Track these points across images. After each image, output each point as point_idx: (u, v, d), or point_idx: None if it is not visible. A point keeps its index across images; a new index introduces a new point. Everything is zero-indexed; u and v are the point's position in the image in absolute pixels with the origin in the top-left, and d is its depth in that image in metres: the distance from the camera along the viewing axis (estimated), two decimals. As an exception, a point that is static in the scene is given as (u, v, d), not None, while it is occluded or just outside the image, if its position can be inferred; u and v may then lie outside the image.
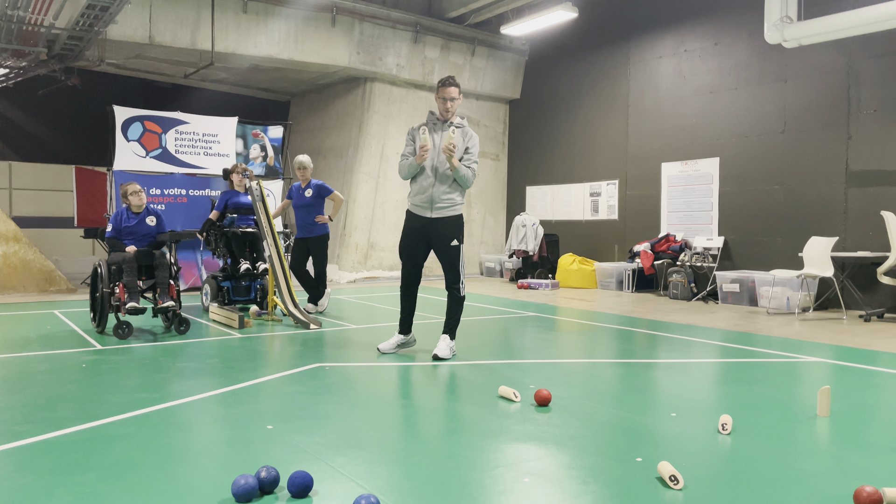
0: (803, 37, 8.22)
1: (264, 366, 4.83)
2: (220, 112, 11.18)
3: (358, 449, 3.03)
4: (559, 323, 7.28)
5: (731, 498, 2.51)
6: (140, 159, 9.70)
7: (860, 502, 2.38)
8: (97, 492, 2.52)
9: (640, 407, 3.79)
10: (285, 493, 2.54)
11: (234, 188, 7.85)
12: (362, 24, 11.63)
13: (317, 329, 6.51)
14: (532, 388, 4.19)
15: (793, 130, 9.21)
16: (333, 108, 13.13)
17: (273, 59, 11.00)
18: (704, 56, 10.32)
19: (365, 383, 4.32)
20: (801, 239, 8.83)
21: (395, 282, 12.09)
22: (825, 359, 5.33)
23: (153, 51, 10.39)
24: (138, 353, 5.24)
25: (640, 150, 11.29)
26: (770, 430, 3.37)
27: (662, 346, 5.84)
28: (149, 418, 3.49)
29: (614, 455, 2.98)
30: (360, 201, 12.16)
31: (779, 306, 8.50)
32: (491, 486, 2.62)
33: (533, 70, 13.57)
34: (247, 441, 3.13)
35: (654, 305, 8.87)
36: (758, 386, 4.34)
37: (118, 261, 6.08)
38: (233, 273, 7.54)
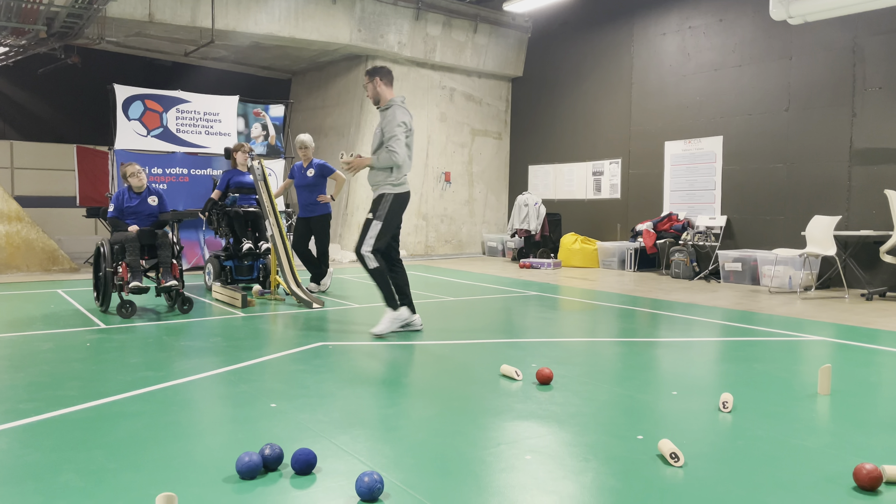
0: (809, 13, 8.12)
1: (267, 345, 4.85)
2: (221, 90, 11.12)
3: (361, 427, 3.05)
4: (561, 302, 7.30)
5: (732, 475, 2.53)
6: (141, 138, 9.67)
7: (860, 480, 2.40)
8: (103, 468, 2.55)
9: (642, 385, 3.81)
10: (289, 470, 2.56)
11: (235, 167, 7.83)
12: (363, 1, 11.52)
13: (319, 308, 6.53)
14: (534, 366, 4.21)
15: (797, 108, 9.14)
16: (335, 87, 13.06)
17: (274, 37, 10.92)
18: (709, 33, 10.22)
19: (367, 362, 4.35)
20: (804, 218, 8.81)
21: (397, 261, 12.09)
22: (827, 337, 5.34)
23: (153, 28, 10.31)
24: (142, 332, 5.27)
25: (643, 129, 11.23)
26: (771, 408, 3.39)
27: (664, 325, 5.86)
28: (153, 396, 3.52)
29: (615, 432, 3.00)
30: (362, 181, 12.12)
31: (781, 285, 8.50)
32: (493, 463, 2.64)
33: (536, 47, 13.46)
34: (250, 419, 3.16)
35: (656, 284, 8.88)
36: (759, 364, 4.35)
37: (121, 240, 6.08)
38: (235, 252, 7.54)
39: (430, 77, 12.85)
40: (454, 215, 13.38)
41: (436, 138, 13.00)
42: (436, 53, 12.57)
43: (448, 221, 13.31)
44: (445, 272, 10.24)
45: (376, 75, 5.28)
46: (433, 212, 13.07)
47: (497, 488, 2.40)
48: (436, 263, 11.81)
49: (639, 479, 2.48)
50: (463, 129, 13.39)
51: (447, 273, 10.10)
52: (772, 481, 2.48)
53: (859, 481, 2.40)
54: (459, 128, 13.34)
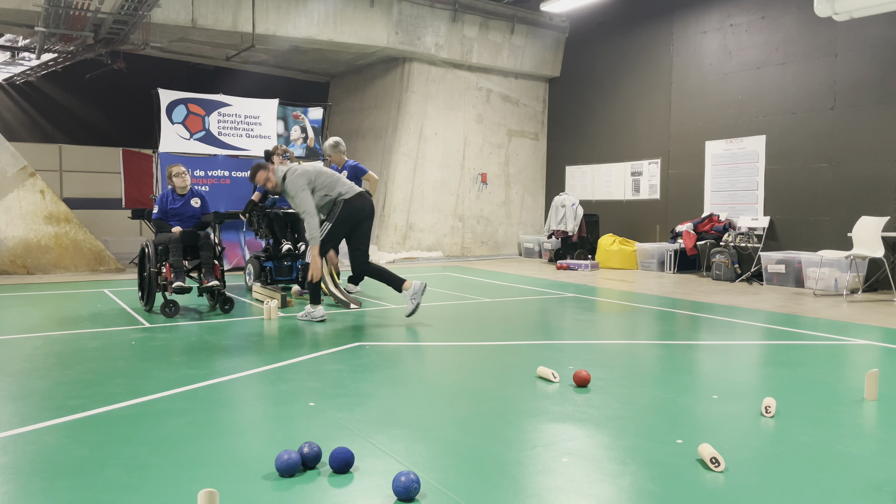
0: (854, 9, 7.90)
1: (306, 344, 4.91)
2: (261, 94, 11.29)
3: (398, 427, 3.07)
4: (599, 304, 7.23)
5: (774, 481, 2.48)
6: (184, 141, 9.87)
7: (908, 488, 2.33)
8: (148, 464, 2.61)
9: (681, 389, 3.76)
10: (327, 468, 2.59)
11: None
12: (400, 3, 11.59)
13: (357, 308, 6.58)
14: (571, 368, 4.18)
15: (843, 106, 8.91)
16: (372, 89, 13.15)
17: (312, 41, 11.05)
18: (751, 30, 10.03)
19: (404, 362, 4.37)
20: (850, 218, 8.58)
21: (433, 262, 12.14)
22: (874, 341, 5.19)
23: (195, 34, 10.52)
24: (185, 331, 5.38)
25: (683, 129, 11.06)
26: (815, 413, 3.31)
27: (704, 328, 5.76)
28: (196, 394, 3.59)
29: (654, 436, 2.96)
30: (399, 182, 12.19)
31: (826, 288, 8.30)
32: (529, 465, 2.63)
33: (573, 47, 13.37)
34: (290, 417, 3.20)
35: (696, 287, 8.74)
36: (803, 368, 4.26)
37: (164, 241, 6.22)
38: (275, 253, 7.65)
39: (466, 78, 12.86)
40: (490, 216, 13.36)
41: (472, 139, 13.00)
42: (472, 55, 12.57)
43: (484, 223, 13.29)
44: (482, 273, 10.23)
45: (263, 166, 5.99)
46: (469, 213, 13.07)
47: (533, 490, 2.39)
48: (472, 265, 11.80)
49: (678, 484, 2.45)
50: (499, 130, 13.36)
51: (483, 274, 10.09)
52: (816, 488, 2.42)
53: (908, 490, 2.33)
54: (496, 129, 13.32)
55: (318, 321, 5.83)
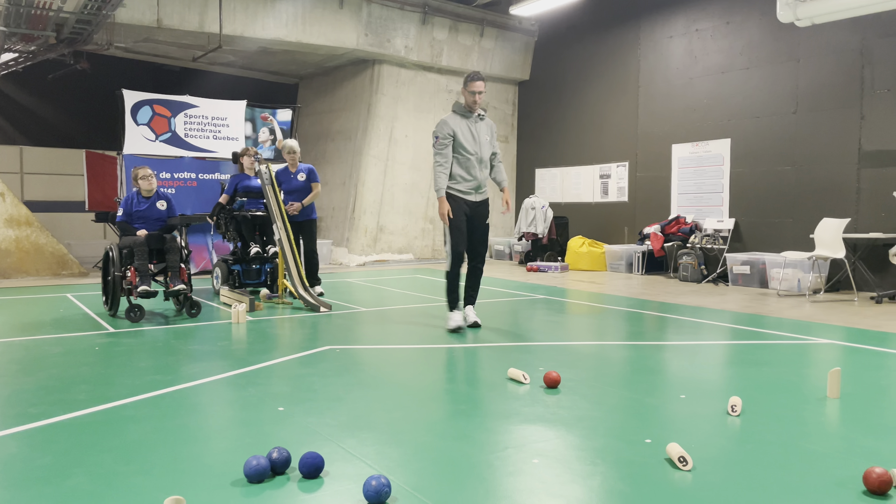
0: (816, 15, 8.09)
1: (275, 348, 4.86)
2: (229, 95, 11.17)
3: (368, 430, 3.06)
4: (569, 305, 7.29)
5: (741, 479, 2.52)
6: (150, 143, 9.72)
7: (870, 484, 2.38)
8: (113, 472, 2.56)
9: (650, 389, 3.80)
10: (297, 473, 2.56)
11: (243, 171, 7.86)
12: (370, 5, 11.56)
13: (327, 312, 6.54)
14: (541, 370, 4.21)
15: (805, 110, 9.11)
16: (342, 91, 13.10)
17: (281, 42, 10.97)
18: (716, 35, 10.20)
19: (375, 365, 4.35)
20: (812, 220, 8.77)
21: (404, 264, 12.11)
22: (836, 340, 5.31)
23: (161, 34, 10.37)
24: (150, 336, 5.29)
25: (651, 132, 11.21)
26: (780, 412, 3.37)
27: (672, 329, 5.84)
28: (162, 400, 3.53)
29: (623, 436, 2.99)
30: (370, 184, 12.15)
31: (790, 288, 8.47)
32: (500, 466, 2.63)
33: (542, 51, 13.46)
34: (258, 422, 3.16)
35: (663, 288, 8.85)
36: (768, 368, 4.33)
37: (129, 244, 6.11)
38: (243, 256, 7.57)
39: (436, 81, 12.87)
40: (461, 219, 13.36)
41: (443, 142, 12.99)
42: (442, 57, 12.59)
43: (455, 225, 13.29)
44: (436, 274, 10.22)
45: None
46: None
47: (504, 492, 2.40)
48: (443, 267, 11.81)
49: (647, 483, 2.47)
50: (470, 133, 13.38)
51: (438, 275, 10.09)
52: (781, 485, 2.46)
53: (869, 485, 2.38)
54: (466, 131, 13.33)
55: (453, 329, 5.53)
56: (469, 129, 5.46)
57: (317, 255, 7.70)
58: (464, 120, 5.47)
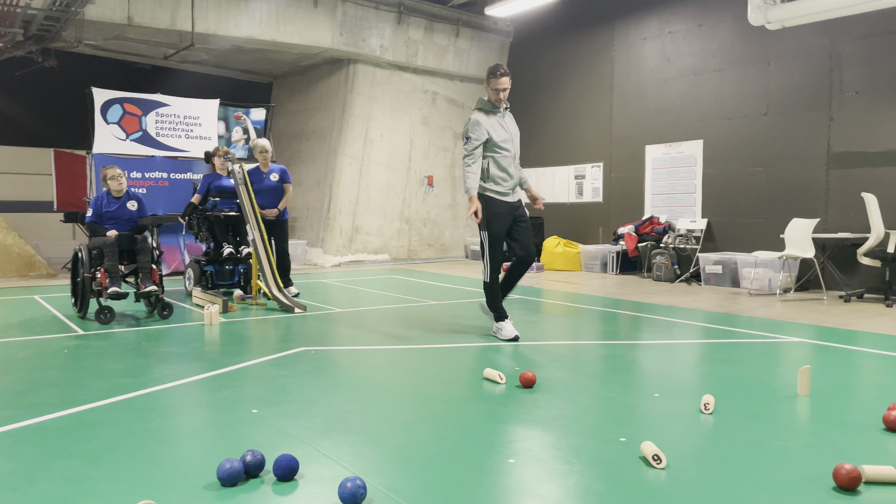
0: (786, 18, 8.23)
1: (249, 350, 4.81)
2: (202, 94, 11.04)
3: (343, 432, 3.04)
4: (544, 305, 7.32)
5: (713, 476, 2.55)
6: (120, 142, 9.57)
7: (839, 480, 2.42)
8: (82, 477, 2.51)
9: (624, 387, 3.83)
10: (271, 476, 2.54)
11: (216, 171, 7.77)
12: (345, 4, 11.50)
13: (301, 313, 6.49)
14: (517, 370, 4.21)
15: (776, 112, 9.25)
16: (316, 90, 13.02)
17: (254, 41, 10.86)
18: (689, 38, 10.32)
19: (350, 367, 4.32)
20: (783, 220, 8.91)
21: (380, 265, 12.07)
22: (806, 339, 5.40)
23: (132, 32, 10.22)
24: (121, 338, 5.21)
25: (625, 133, 11.31)
26: (751, 410, 3.41)
27: (646, 328, 5.89)
28: (133, 403, 3.47)
29: (598, 435, 3.00)
30: (345, 184, 12.09)
31: (761, 287, 8.59)
32: (476, 467, 2.63)
33: (517, 52, 13.51)
34: (232, 425, 3.13)
35: (637, 287, 8.93)
36: (739, 366, 4.39)
37: (99, 245, 6.01)
38: (216, 257, 7.48)
39: (412, 81, 12.85)
40: (437, 219, 13.38)
41: (418, 142, 12.99)
42: (418, 57, 12.57)
43: (431, 225, 13.30)
44: (428, 276, 10.23)
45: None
46: (416, 216, 13.06)
47: (481, 492, 2.39)
48: (419, 267, 11.79)
49: (622, 482, 2.49)
50: (445, 133, 13.40)
51: (430, 277, 10.09)
52: (753, 482, 2.49)
53: (839, 481, 2.42)
54: (442, 132, 13.34)
55: (508, 340, 5.14)
56: (500, 124, 5.25)
57: (289, 256, 7.64)
58: (493, 116, 5.25)
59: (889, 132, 8.13)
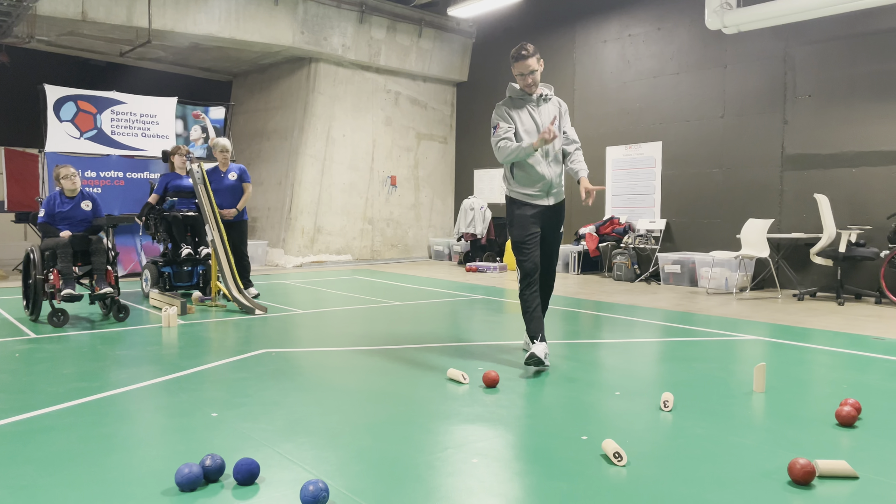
0: (742, 23, 8.42)
1: (208, 352, 4.73)
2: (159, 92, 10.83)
3: (305, 434, 3.00)
4: (507, 305, 7.35)
5: (673, 473, 2.59)
6: (74, 140, 9.34)
7: (794, 474, 2.48)
8: (34, 484, 2.44)
9: (586, 386, 3.86)
10: (231, 480, 2.50)
11: (174, 171, 7.63)
12: (306, 3, 11.40)
13: (262, 315, 6.41)
14: (480, 370, 4.22)
15: (732, 115, 9.45)
16: (277, 89, 12.87)
17: (213, 38, 10.70)
18: (648, 41, 10.47)
19: (312, 368, 4.28)
20: (739, 221, 9.10)
21: (343, 265, 11.98)
22: (761, 336, 5.52)
23: (86, 27, 9.96)
24: (75, 342, 5.07)
25: (586, 134, 11.42)
26: (709, 406, 3.47)
27: (607, 327, 5.96)
28: (87, 408, 3.39)
29: (561, 434, 3.03)
30: (306, 184, 11.98)
31: (718, 286, 8.76)
32: (440, 467, 2.63)
33: (480, 52, 13.55)
34: (190, 429, 3.07)
35: (598, 287, 9.03)
36: (697, 364, 4.47)
37: (52, 246, 5.85)
38: (174, 258, 7.35)
39: (374, 80, 12.79)
40: (400, 219, 13.34)
41: (381, 142, 12.94)
42: (380, 57, 12.52)
43: (394, 225, 13.26)
44: (392, 276, 10.19)
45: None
46: (379, 216, 13.01)
47: (444, 493, 2.39)
48: (382, 268, 11.75)
49: (583, 480, 2.51)
50: (409, 133, 13.37)
51: (394, 277, 10.06)
52: (711, 478, 2.54)
53: (793, 476, 2.48)
54: (405, 132, 13.32)
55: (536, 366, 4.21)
56: (530, 115, 4.40)
57: (248, 257, 7.55)
58: (522, 106, 4.40)
59: (840, 135, 8.37)
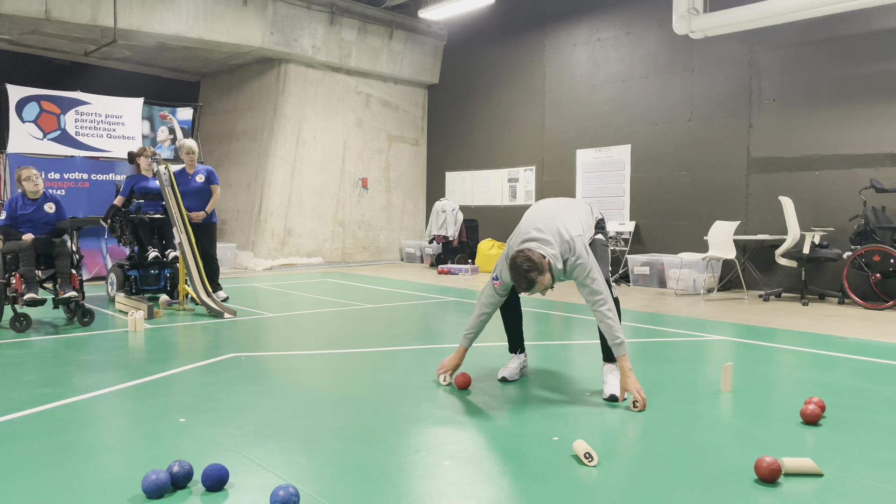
0: (709, 28, 8.56)
1: (176, 357, 4.66)
2: (125, 92, 10.66)
3: (276, 439, 2.97)
4: (478, 307, 7.35)
5: (643, 472, 2.61)
6: (37, 141, 9.14)
7: (760, 472, 2.51)
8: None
9: (557, 387, 3.88)
10: (199, 487, 2.46)
11: (140, 172, 7.51)
12: (276, 3, 11.31)
13: (231, 318, 6.34)
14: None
15: (699, 118, 9.59)
16: (247, 90, 12.74)
17: (181, 38, 10.55)
18: (617, 45, 10.58)
19: (282, 372, 4.24)
20: (706, 223, 9.24)
21: (314, 268, 11.90)
22: (728, 337, 5.61)
23: (50, 26, 9.76)
24: (38, 347, 4.96)
25: (556, 137, 11.51)
26: (678, 406, 3.52)
27: (577, 328, 6.00)
28: (51, 414, 3.31)
29: (532, 435, 3.03)
30: (276, 186, 11.88)
31: (686, 287, 8.88)
32: (412, 470, 2.62)
33: (451, 55, 13.58)
34: (158, 435, 3.01)
35: (569, 289, 9.09)
36: (666, 364, 4.52)
37: (14, 249, 5.72)
38: (140, 261, 7.23)
39: (345, 82, 12.74)
40: (372, 222, 13.29)
41: (352, 144, 12.89)
42: (351, 58, 12.47)
43: (366, 228, 13.21)
44: (363, 279, 10.15)
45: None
46: (350, 218, 12.94)
47: (416, 496, 2.38)
48: (354, 270, 11.69)
49: (555, 480, 2.52)
50: (380, 135, 13.34)
51: (365, 280, 10.02)
52: (680, 477, 2.57)
53: (760, 474, 2.51)
54: (376, 134, 13.28)
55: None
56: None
57: (216, 260, 7.46)
58: None
59: (804, 139, 8.55)
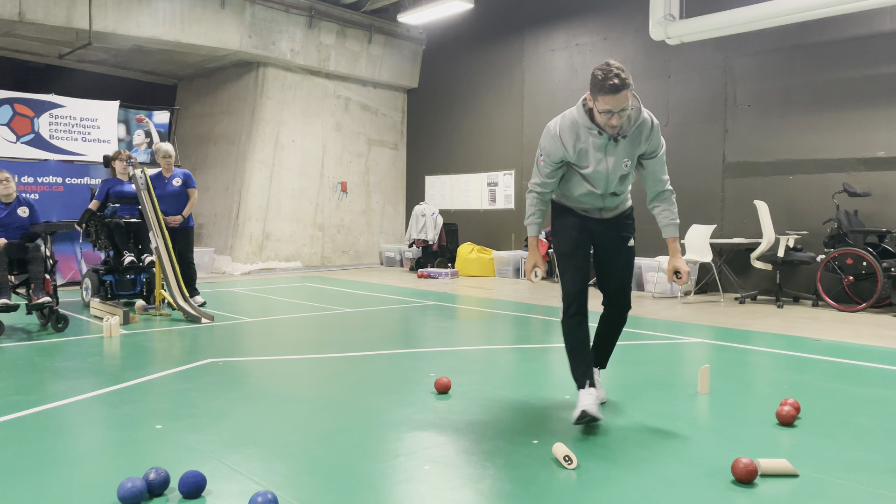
0: (685, 34, 8.66)
1: (152, 363, 4.60)
2: (101, 95, 10.53)
3: (254, 445, 2.95)
4: (459, 311, 7.36)
5: (621, 474, 2.63)
6: (10, 145, 9.01)
7: (737, 473, 2.54)
8: (-37, 505, 2.33)
9: (536, 390, 3.90)
10: (177, 494, 2.43)
11: (116, 176, 7.42)
12: (254, 6, 11.25)
13: (208, 323, 6.28)
14: (432, 376, 4.22)
15: (675, 124, 9.69)
16: (224, 93, 12.66)
17: (157, 41, 10.45)
18: (595, 50, 10.67)
19: (261, 378, 4.21)
20: (682, 227, 9.33)
21: (292, 272, 11.83)
22: (705, 339, 5.66)
23: (24, 28, 9.62)
24: (11, 353, 4.87)
25: (535, 141, 11.55)
26: (656, 408, 3.54)
27: (556, 332, 6.02)
28: (24, 422, 3.25)
29: (512, 438, 3.04)
30: (255, 190, 11.80)
31: (663, 291, 8.96)
32: (392, 475, 2.61)
33: (430, 59, 13.59)
34: (134, 442, 2.98)
35: (548, 292, 9.13)
36: (644, 367, 4.55)
37: (-15, 254, 5.61)
38: (116, 266, 7.14)
39: (324, 86, 12.70)
40: (351, 225, 13.25)
41: (331, 148, 12.85)
42: (330, 62, 12.44)
43: (345, 232, 13.16)
44: (343, 283, 10.11)
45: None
46: (329, 222, 12.89)
47: (396, 500, 2.37)
48: (333, 274, 11.64)
49: (534, 484, 2.53)
50: (359, 139, 13.31)
51: (345, 284, 9.98)
52: (658, 478, 2.59)
53: (736, 475, 2.54)
54: (355, 137, 13.25)
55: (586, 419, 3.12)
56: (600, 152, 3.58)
57: (194, 265, 7.39)
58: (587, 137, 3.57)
59: (778, 144, 8.67)
